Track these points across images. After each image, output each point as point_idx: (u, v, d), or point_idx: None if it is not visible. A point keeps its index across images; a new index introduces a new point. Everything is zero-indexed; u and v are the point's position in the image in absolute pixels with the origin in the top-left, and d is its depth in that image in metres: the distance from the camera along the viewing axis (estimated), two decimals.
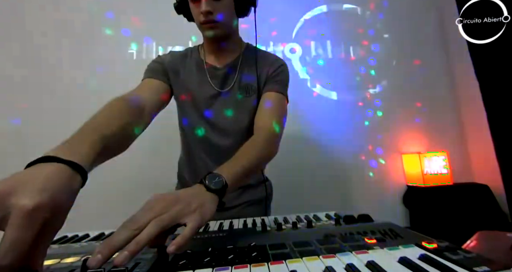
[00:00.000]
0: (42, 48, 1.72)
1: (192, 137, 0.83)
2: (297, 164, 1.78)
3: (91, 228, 0.61)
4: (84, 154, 0.37)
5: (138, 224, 0.35)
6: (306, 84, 1.95)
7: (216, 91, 0.79)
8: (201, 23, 0.72)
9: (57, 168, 0.32)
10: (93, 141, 0.40)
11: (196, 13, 0.72)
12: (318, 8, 2.06)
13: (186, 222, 0.38)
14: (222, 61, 0.82)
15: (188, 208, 0.39)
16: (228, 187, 0.48)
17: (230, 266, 0.32)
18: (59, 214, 0.31)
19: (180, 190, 0.45)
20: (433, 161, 1.79)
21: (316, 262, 0.32)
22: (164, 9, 0.80)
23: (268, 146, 0.67)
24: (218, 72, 0.80)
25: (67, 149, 0.36)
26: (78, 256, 0.39)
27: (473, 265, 0.28)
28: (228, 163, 0.54)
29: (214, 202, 0.45)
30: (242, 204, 0.84)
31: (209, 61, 0.82)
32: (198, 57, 0.83)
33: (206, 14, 0.70)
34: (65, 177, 0.32)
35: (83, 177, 0.35)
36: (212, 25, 0.72)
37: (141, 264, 0.35)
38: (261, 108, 0.76)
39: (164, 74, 0.78)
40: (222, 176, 0.48)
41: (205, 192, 0.45)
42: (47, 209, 0.28)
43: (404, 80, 2.04)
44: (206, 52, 0.83)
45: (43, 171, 0.31)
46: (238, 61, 0.82)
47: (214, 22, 0.71)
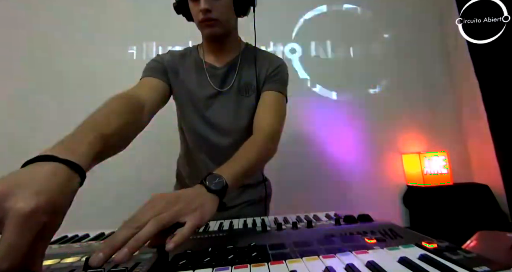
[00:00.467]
0: (42, 48, 1.72)
1: (191, 136, 0.83)
2: (297, 164, 1.78)
3: (91, 228, 0.61)
4: (82, 153, 0.36)
5: (139, 223, 0.35)
6: (306, 84, 1.95)
7: (216, 90, 0.79)
8: (200, 21, 0.72)
9: (55, 167, 0.31)
10: (91, 140, 0.39)
11: (195, 11, 0.72)
12: (318, 8, 2.06)
13: (185, 221, 0.38)
14: (221, 61, 0.82)
15: (188, 207, 0.40)
16: (228, 188, 0.48)
17: (230, 266, 0.32)
18: (57, 216, 0.30)
19: (180, 190, 0.45)
20: (433, 161, 1.79)
21: (316, 262, 0.32)
22: (164, 9, 0.80)
23: (268, 146, 0.66)
24: (217, 71, 0.80)
25: (64, 148, 0.35)
26: (78, 256, 0.39)
27: (473, 265, 0.28)
28: (228, 163, 0.54)
29: (215, 202, 0.45)
30: (242, 204, 0.84)
31: (208, 60, 0.82)
32: (197, 56, 0.83)
33: (205, 12, 0.69)
34: (63, 177, 0.31)
35: (81, 177, 0.34)
36: (210, 23, 0.72)
37: (141, 264, 0.35)
38: (260, 108, 0.76)
39: (163, 73, 0.78)
40: (223, 177, 0.48)
41: (205, 192, 0.45)
42: (44, 212, 0.27)
43: (404, 80, 2.04)
44: (205, 52, 0.83)
45: (40, 171, 0.30)
46: (237, 60, 0.82)
47: (213, 20, 0.71)
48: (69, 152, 0.34)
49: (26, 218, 0.26)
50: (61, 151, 0.34)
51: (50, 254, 0.40)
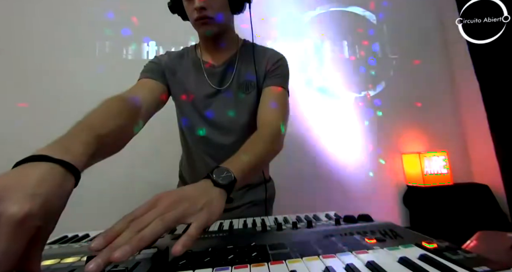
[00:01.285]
0: (41, 48, 1.72)
1: (191, 136, 0.82)
2: (297, 164, 1.77)
3: (91, 228, 0.61)
4: (77, 153, 0.35)
5: (142, 225, 0.32)
6: (306, 84, 1.95)
7: (215, 89, 0.79)
8: (195, 19, 0.71)
9: (49, 168, 0.30)
10: (87, 140, 0.38)
11: (190, 10, 0.72)
12: (319, 8, 2.06)
13: (192, 222, 0.35)
14: (219, 59, 0.81)
15: (194, 207, 0.37)
16: (236, 182, 0.45)
17: (230, 266, 0.32)
18: (51, 219, 0.29)
19: (185, 187, 0.42)
20: (433, 161, 1.79)
21: (316, 262, 0.32)
22: (164, 9, 0.80)
23: (274, 141, 0.64)
24: (215, 70, 0.80)
25: (58, 147, 0.34)
26: (78, 256, 0.39)
27: (473, 265, 0.28)
28: (235, 157, 0.51)
29: (223, 198, 0.42)
30: (246, 204, 0.84)
31: (206, 59, 0.81)
32: (195, 56, 0.82)
33: (200, 10, 0.69)
34: (57, 178, 0.30)
35: (76, 178, 0.33)
36: (206, 21, 0.71)
37: (141, 264, 0.35)
38: (264, 104, 0.74)
39: (161, 75, 0.78)
40: (231, 170, 0.45)
41: (212, 187, 0.42)
42: (38, 216, 0.26)
43: (404, 80, 2.04)
44: (202, 51, 0.83)
45: (34, 172, 0.29)
46: (235, 58, 0.81)
47: (208, 18, 0.70)
48: (63, 152, 0.33)
49: (19, 223, 0.24)
50: (55, 150, 0.32)
51: (50, 254, 0.40)
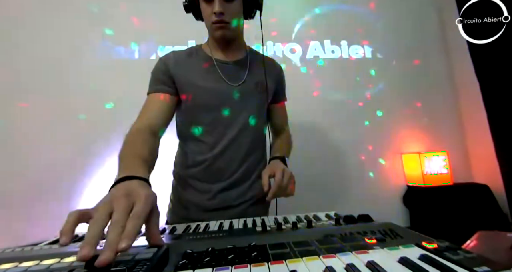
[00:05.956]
0: (41, 48, 1.72)
1: (189, 134, 0.82)
2: (297, 164, 1.77)
3: None
4: (143, 172, 0.51)
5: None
6: (306, 84, 1.95)
7: (227, 84, 0.81)
8: (212, 22, 0.75)
9: (139, 181, 0.46)
10: (142, 164, 0.56)
11: (207, 13, 0.75)
12: (318, 8, 2.06)
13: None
14: (230, 58, 0.85)
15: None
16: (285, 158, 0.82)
17: (230, 266, 0.32)
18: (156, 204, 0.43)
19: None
20: (433, 161, 1.79)
21: (316, 262, 0.32)
22: (164, 9, 0.80)
23: (291, 141, 0.99)
24: (228, 66, 0.83)
25: (133, 171, 0.50)
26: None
27: (473, 265, 0.28)
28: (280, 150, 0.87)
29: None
30: (248, 201, 0.84)
31: (217, 57, 0.84)
32: (204, 54, 0.84)
33: (219, 14, 0.72)
34: (145, 185, 0.46)
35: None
36: (222, 26, 0.75)
37: (141, 264, 0.35)
38: (278, 115, 0.96)
39: (169, 83, 0.79)
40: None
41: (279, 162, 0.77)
42: (154, 197, 0.42)
43: (404, 80, 2.04)
44: (212, 50, 0.85)
45: (134, 183, 0.45)
46: (246, 60, 0.86)
47: (224, 22, 0.75)
48: (137, 173, 0.49)
49: (148, 197, 0.41)
50: (132, 173, 0.48)
51: (50, 254, 0.40)
